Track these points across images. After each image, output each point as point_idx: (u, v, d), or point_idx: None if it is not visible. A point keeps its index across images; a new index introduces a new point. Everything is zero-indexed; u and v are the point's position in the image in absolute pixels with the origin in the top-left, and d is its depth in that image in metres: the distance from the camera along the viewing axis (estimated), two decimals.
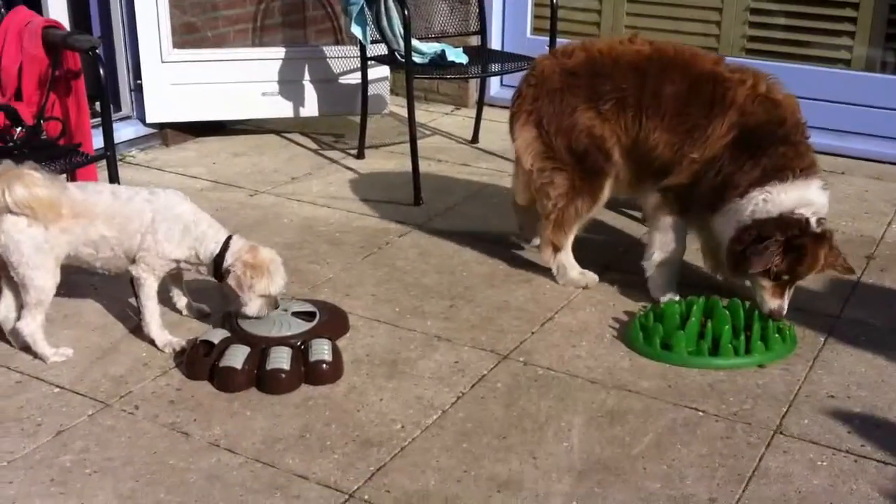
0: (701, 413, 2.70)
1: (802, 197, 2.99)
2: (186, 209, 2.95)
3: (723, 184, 3.08)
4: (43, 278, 2.82)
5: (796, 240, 2.94)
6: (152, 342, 2.99)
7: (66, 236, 2.84)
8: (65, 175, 3.27)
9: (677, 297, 3.25)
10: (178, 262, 2.96)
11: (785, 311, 3.03)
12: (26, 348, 2.92)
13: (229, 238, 2.95)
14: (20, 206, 2.73)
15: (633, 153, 3.28)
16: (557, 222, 3.38)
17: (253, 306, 2.93)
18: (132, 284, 3.06)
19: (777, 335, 2.98)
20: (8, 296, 2.94)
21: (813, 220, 2.97)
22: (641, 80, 3.22)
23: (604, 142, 3.28)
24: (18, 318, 2.90)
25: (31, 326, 2.87)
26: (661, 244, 3.30)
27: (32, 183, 2.73)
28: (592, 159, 3.29)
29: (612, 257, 3.69)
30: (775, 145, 3.04)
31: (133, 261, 2.93)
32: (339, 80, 5.06)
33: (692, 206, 3.22)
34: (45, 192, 2.75)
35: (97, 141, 3.42)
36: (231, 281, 2.90)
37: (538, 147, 3.35)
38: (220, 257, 2.92)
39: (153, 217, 2.89)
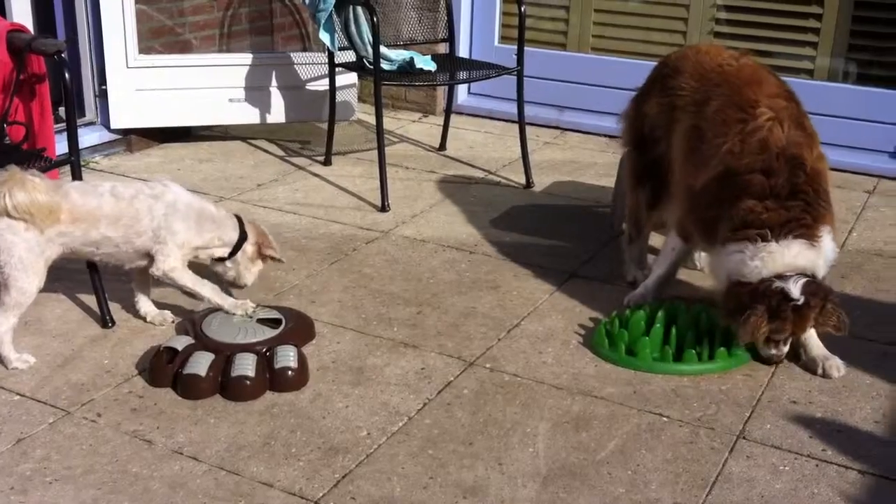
0: (665, 418, 2.72)
1: (779, 263, 2.79)
2: (191, 198, 3.08)
3: (709, 223, 2.97)
4: (28, 281, 2.81)
5: (777, 310, 2.77)
6: (240, 308, 3.06)
7: (61, 239, 2.87)
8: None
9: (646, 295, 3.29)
10: (197, 249, 3.06)
11: (783, 357, 2.93)
12: None
13: (240, 218, 3.16)
14: (20, 211, 2.75)
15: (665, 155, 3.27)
16: (630, 212, 3.53)
17: (251, 277, 3.20)
18: (136, 280, 3.17)
19: None
20: None
21: (794, 288, 2.76)
22: (700, 86, 3.14)
23: (655, 130, 3.30)
24: None
25: (3, 327, 2.85)
26: (659, 259, 3.33)
27: (34, 188, 2.76)
28: (650, 148, 3.33)
29: (578, 264, 3.71)
30: (744, 198, 2.85)
31: (149, 258, 3.00)
32: (307, 87, 5.05)
33: (692, 235, 3.15)
34: (45, 198, 2.78)
35: (61, 146, 3.39)
36: (269, 251, 3.18)
37: (629, 133, 3.49)
38: (243, 235, 3.12)
39: (164, 212, 2.97)
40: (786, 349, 2.93)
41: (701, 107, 3.10)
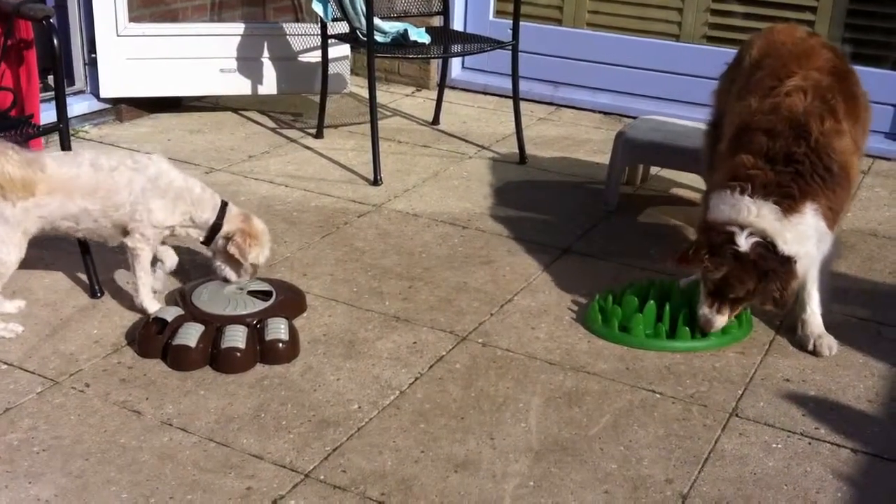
0: (658, 395, 2.71)
1: (743, 217, 2.77)
2: (176, 175, 2.96)
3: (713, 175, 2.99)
4: (6, 252, 2.77)
5: (718, 248, 2.77)
6: (142, 311, 2.98)
7: (38, 211, 2.79)
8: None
9: None
10: (172, 228, 2.97)
11: (712, 326, 2.88)
12: None
13: (225, 204, 3.01)
14: None
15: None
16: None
17: (231, 274, 3.04)
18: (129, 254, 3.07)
19: (733, 319, 2.99)
20: None
21: (743, 239, 2.75)
22: (760, 60, 3.14)
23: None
24: None
25: None
26: None
27: (7, 161, 2.70)
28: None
29: (571, 240, 3.68)
30: (742, 153, 2.85)
31: (125, 232, 2.92)
32: (299, 58, 4.99)
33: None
34: (18, 172, 2.71)
35: (49, 115, 3.33)
36: (232, 248, 2.96)
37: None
38: (218, 223, 2.97)
39: (143, 187, 2.88)
40: (720, 319, 2.87)
41: (749, 78, 3.11)
